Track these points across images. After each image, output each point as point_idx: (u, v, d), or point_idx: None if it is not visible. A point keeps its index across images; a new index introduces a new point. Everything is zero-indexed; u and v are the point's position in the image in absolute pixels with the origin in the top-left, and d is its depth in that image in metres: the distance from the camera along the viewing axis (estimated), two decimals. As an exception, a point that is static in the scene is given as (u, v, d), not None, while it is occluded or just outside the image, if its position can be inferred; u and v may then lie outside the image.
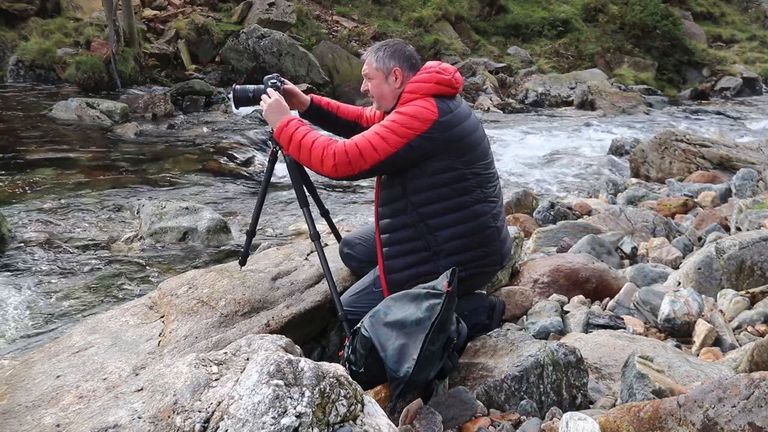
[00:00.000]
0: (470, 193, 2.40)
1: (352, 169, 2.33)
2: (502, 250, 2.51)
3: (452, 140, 2.35)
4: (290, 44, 13.23)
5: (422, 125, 2.31)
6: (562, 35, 18.59)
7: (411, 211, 2.42)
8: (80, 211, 5.68)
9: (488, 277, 2.74)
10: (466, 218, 2.40)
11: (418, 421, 1.89)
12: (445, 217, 2.39)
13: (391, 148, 2.30)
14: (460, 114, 2.41)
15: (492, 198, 2.47)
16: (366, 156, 2.31)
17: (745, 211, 3.94)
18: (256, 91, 2.70)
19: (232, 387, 1.54)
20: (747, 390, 1.51)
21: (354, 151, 2.32)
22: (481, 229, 2.42)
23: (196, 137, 9.19)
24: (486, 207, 2.43)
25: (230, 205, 6.28)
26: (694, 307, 2.59)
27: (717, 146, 7.13)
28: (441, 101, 2.38)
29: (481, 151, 2.47)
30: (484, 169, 2.46)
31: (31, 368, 2.29)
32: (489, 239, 2.44)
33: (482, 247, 2.43)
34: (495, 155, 2.74)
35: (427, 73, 2.44)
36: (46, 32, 12.23)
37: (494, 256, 2.48)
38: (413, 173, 2.37)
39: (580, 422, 1.65)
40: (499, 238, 2.48)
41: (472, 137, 2.42)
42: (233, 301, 2.59)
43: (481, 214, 2.42)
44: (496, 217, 2.48)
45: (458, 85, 2.47)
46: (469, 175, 2.39)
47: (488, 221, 2.44)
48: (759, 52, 20.84)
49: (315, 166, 2.39)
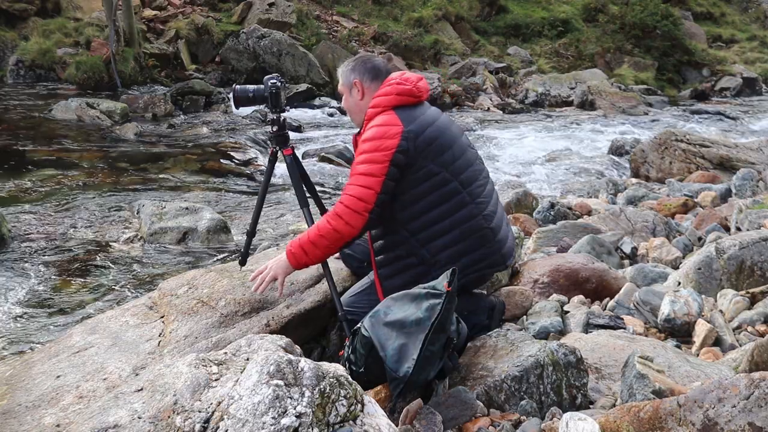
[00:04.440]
0: (456, 196, 2.38)
1: (361, 217, 2.32)
2: (502, 250, 2.47)
3: (424, 145, 2.34)
4: (290, 44, 13.24)
5: (393, 141, 2.31)
6: (562, 35, 18.60)
7: (400, 229, 2.41)
8: (80, 211, 5.68)
9: (489, 278, 2.73)
10: (456, 224, 2.37)
11: (418, 421, 1.89)
12: (434, 228, 2.37)
13: (380, 177, 2.30)
14: (426, 119, 2.41)
15: (481, 198, 2.44)
16: (364, 198, 2.31)
17: (745, 211, 3.94)
18: (256, 91, 2.70)
19: (232, 387, 1.54)
20: (747, 390, 1.51)
21: (351, 201, 2.33)
22: (473, 232, 2.39)
23: (196, 137, 9.20)
24: (475, 209, 2.40)
25: (230, 205, 6.28)
26: (694, 308, 2.59)
27: (717, 146, 7.13)
28: (402, 112, 2.38)
29: (458, 149, 2.44)
30: (465, 167, 2.43)
31: (31, 368, 2.29)
32: (484, 241, 2.41)
33: (478, 251, 2.40)
34: (495, 155, 2.74)
35: (388, 86, 2.45)
36: (46, 32, 12.24)
37: (493, 257, 2.45)
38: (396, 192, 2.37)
39: (580, 422, 1.65)
40: (495, 239, 2.44)
41: (444, 137, 2.41)
42: (233, 301, 2.59)
43: (471, 217, 2.39)
44: (489, 217, 2.43)
45: (421, 92, 2.47)
46: (451, 178, 2.37)
47: (480, 223, 2.40)
48: (759, 52, 20.84)
49: (337, 239, 2.36)
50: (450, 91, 13.81)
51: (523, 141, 10.34)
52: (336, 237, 2.35)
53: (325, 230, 2.36)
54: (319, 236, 2.37)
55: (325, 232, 2.36)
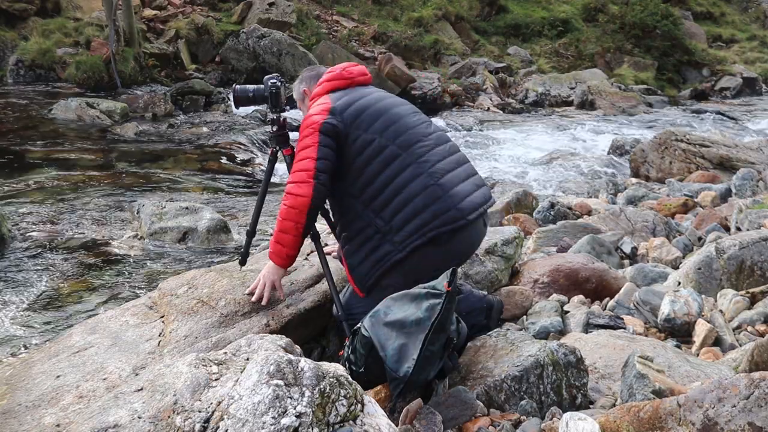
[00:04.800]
0: (395, 159, 2.41)
1: (307, 184, 2.39)
2: (459, 204, 2.38)
3: (354, 115, 2.45)
4: (290, 44, 13.23)
5: (321, 116, 2.45)
6: (562, 35, 18.59)
7: (355, 203, 2.45)
8: (80, 211, 5.68)
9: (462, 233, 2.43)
10: (402, 186, 2.38)
11: (418, 421, 1.89)
12: (383, 195, 2.40)
13: (313, 146, 2.40)
14: (356, 94, 2.54)
15: (425, 158, 2.43)
16: (304, 167, 2.40)
17: (745, 211, 3.94)
18: (256, 91, 2.71)
19: (232, 387, 1.54)
20: (747, 390, 1.51)
21: (295, 175, 2.43)
22: (419, 190, 2.37)
23: (196, 137, 9.20)
24: (418, 168, 2.40)
25: (230, 205, 6.28)
26: (694, 307, 2.59)
27: (717, 146, 7.13)
28: (334, 94, 2.55)
29: (392, 115, 2.49)
30: (402, 131, 2.46)
31: (31, 368, 2.29)
32: (433, 197, 2.36)
33: (429, 208, 2.35)
34: (495, 155, 2.74)
35: (321, 80, 2.64)
36: (46, 32, 12.23)
37: (450, 212, 2.36)
38: (340, 170, 2.44)
39: (580, 422, 1.65)
40: (447, 194, 2.37)
41: (375, 107, 2.49)
42: (233, 301, 2.59)
43: (415, 177, 2.39)
44: (435, 174, 2.40)
45: (350, 75, 2.62)
46: (387, 143, 2.42)
47: (426, 181, 2.38)
48: (759, 52, 20.83)
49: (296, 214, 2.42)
50: (450, 91, 13.81)
51: (523, 141, 10.34)
52: (294, 213, 2.41)
53: (282, 212, 2.44)
54: (281, 221, 2.45)
55: (284, 214, 2.44)
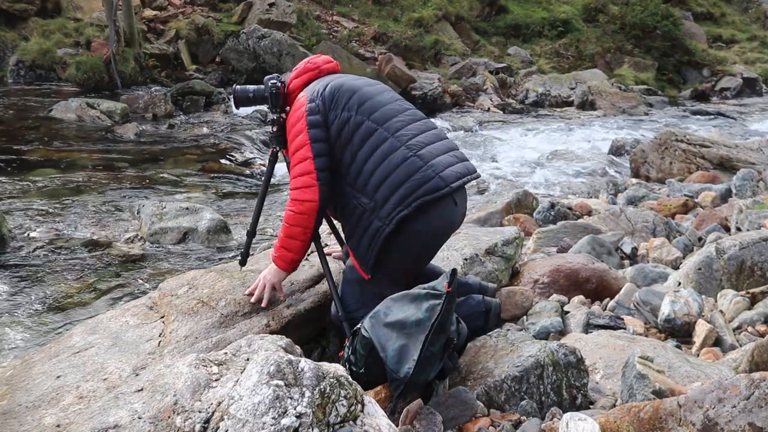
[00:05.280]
0: (372, 134, 2.41)
1: (312, 188, 2.40)
2: (441, 172, 2.36)
3: (330, 97, 2.47)
4: (290, 44, 13.23)
5: (302, 111, 2.47)
6: (562, 35, 18.59)
7: (344, 185, 2.45)
8: (80, 212, 5.68)
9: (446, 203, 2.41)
10: (380, 159, 2.38)
11: (419, 422, 1.89)
12: (364, 171, 2.40)
13: (306, 145, 2.42)
14: (326, 80, 2.57)
15: (402, 132, 2.43)
16: (304, 170, 2.41)
17: (746, 212, 3.94)
18: (257, 91, 2.71)
19: (232, 387, 1.54)
20: (747, 390, 1.51)
21: (296, 180, 2.43)
22: (398, 162, 2.37)
23: (196, 137, 9.20)
24: (395, 141, 2.40)
25: (230, 206, 6.28)
26: (694, 308, 2.59)
27: (717, 146, 7.13)
28: (307, 86, 2.60)
29: (365, 93, 2.50)
30: (377, 107, 2.47)
31: (31, 368, 2.29)
32: (412, 168, 2.35)
33: (410, 178, 2.34)
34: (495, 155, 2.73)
35: (289, 78, 2.70)
36: (46, 32, 12.23)
37: (431, 180, 2.34)
38: None
39: (581, 422, 1.65)
40: (427, 164, 2.37)
41: (347, 85, 2.52)
42: (233, 301, 2.59)
43: (393, 150, 2.39)
44: (414, 147, 2.40)
45: (315, 65, 2.69)
46: (363, 119, 2.43)
47: (404, 153, 2.37)
48: (759, 52, 20.83)
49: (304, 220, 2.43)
50: (450, 92, 13.82)
51: (523, 141, 10.34)
52: (302, 218, 2.43)
53: (290, 218, 2.44)
54: (289, 227, 2.45)
55: (292, 221, 2.44)
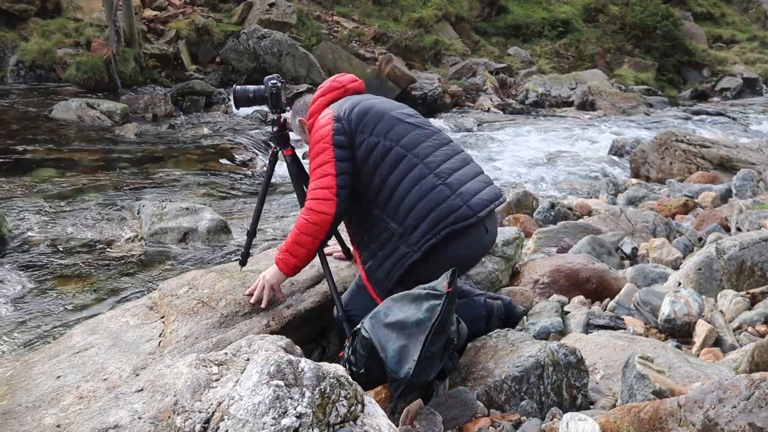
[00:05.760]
0: (402, 160, 2.42)
1: (330, 202, 2.40)
2: (469, 201, 2.39)
3: (357, 120, 2.46)
4: (290, 45, 13.23)
5: (328, 128, 2.45)
6: (562, 36, 18.60)
7: (372, 208, 2.45)
8: (80, 212, 5.68)
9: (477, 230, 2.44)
10: (410, 186, 2.39)
11: (419, 422, 1.89)
12: (394, 198, 2.40)
13: (330, 161, 2.41)
14: (354, 100, 2.56)
15: (431, 158, 2.44)
16: (324, 184, 2.41)
17: (746, 212, 3.94)
18: (257, 91, 2.71)
19: (232, 387, 1.54)
20: (747, 391, 1.51)
21: (316, 192, 2.43)
22: (428, 190, 2.38)
23: (196, 138, 9.20)
24: (425, 168, 2.41)
25: (231, 206, 6.28)
26: (694, 308, 2.59)
27: (717, 147, 7.13)
28: (332, 105, 2.57)
29: (393, 118, 2.50)
30: (406, 132, 2.47)
31: (31, 369, 2.29)
32: (441, 197, 2.37)
33: (439, 206, 2.36)
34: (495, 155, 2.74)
35: (312, 101, 2.68)
36: (46, 33, 12.23)
37: (460, 210, 2.36)
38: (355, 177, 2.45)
39: (581, 423, 1.65)
40: (455, 192, 2.39)
41: (376, 109, 2.51)
42: (234, 301, 2.59)
43: (422, 177, 2.40)
44: (442, 174, 2.41)
45: (341, 84, 2.66)
46: (392, 144, 2.43)
47: (433, 181, 2.39)
48: (759, 52, 20.84)
49: (316, 231, 2.44)
50: (450, 92, 13.82)
51: (523, 141, 10.34)
52: (314, 229, 2.43)
53: (302, 226, 2.44)
54: (299, 234, 2.45)
55: (303, 229, 2.44)
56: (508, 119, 12.77)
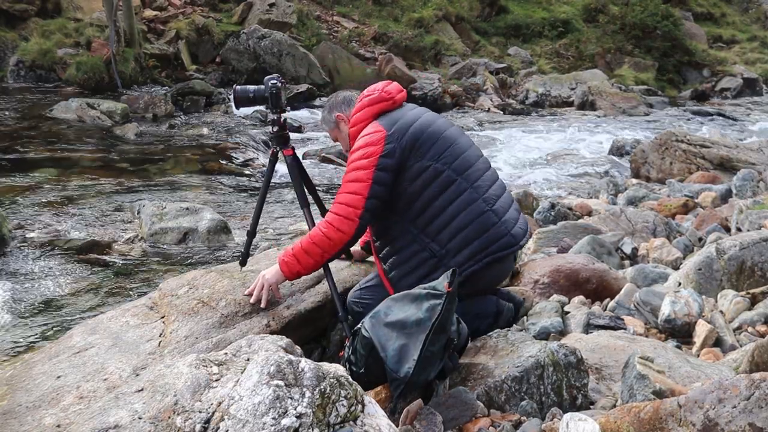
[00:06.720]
0: (452, 184, 2.42)
1: (352, 222, 2.39)
2: (511, 230, 2.46)
3: (411, 143, 2.42)
4: (291, 45, 13.24)
5: (377, 148, 2.40)
6: (562, 36, 18.60)
7: (408, 228, 2.45)
8: (80, 212, 5.68)
9: (507, 262, 2.61)
10: (458, 211, 2.40)
11: (419, 422, 1.89)
12: (439, 219, 2.41)
13: (366, 183, 2.38)
14: (407, 119, 2.49)
15: (478, 183, 2.47)
16: (352, 204, 2.39)
17: (746, 212, 3.94)
18: (257, 91, 2.71)
19: (232, 387, 1.54)
20: (747, 391, 1.51)
21: (340, 208, 2.40)
22: (475, 216, 2.41)
23: (196, 138, 9.20)
24: (474, 193, 2.43)
25: (231, 206, 6.28)
26: (694, 308, 2.58)
27: (717, 147, 7.13)
28: (383, 118, 2.49)
29: (445, 140, 2.49)
30: (456, 155, 2.47)
31: (31, 369, 2.29)
32: (488, 224, 2.42)
33: (485, 234, 2.41)
34: (495, 155, 2.76)
35: (359, 103, 2.58)
36: (46, 33, 12.24)
37: (503, 238, 2.44)
38: (395, 194, 2.43)
39: (581, 423, 1.65)
40: (500, 220, 2.45)
41: (429, 132, 2.47)
42: (234, 301, 2.59)
43: (471, 202, 2.42)
44: (489, 200, 2.46)
45: (390, 96, 2.57)
46: (443, 168, 2.42)
47: (481, 207, 2.43)
48: (759, 52, 20.84)
49: (329, 246, 2.43)
50: (450, 92, 13.82)
51: (523, 141, 10.34)
52: (328, 244, 2.42)
53: (317, 238, 2.42)
54: (311, 244, 2.43)
55: (317, 240, 2.42)
56: (508, 119, 12.77)
